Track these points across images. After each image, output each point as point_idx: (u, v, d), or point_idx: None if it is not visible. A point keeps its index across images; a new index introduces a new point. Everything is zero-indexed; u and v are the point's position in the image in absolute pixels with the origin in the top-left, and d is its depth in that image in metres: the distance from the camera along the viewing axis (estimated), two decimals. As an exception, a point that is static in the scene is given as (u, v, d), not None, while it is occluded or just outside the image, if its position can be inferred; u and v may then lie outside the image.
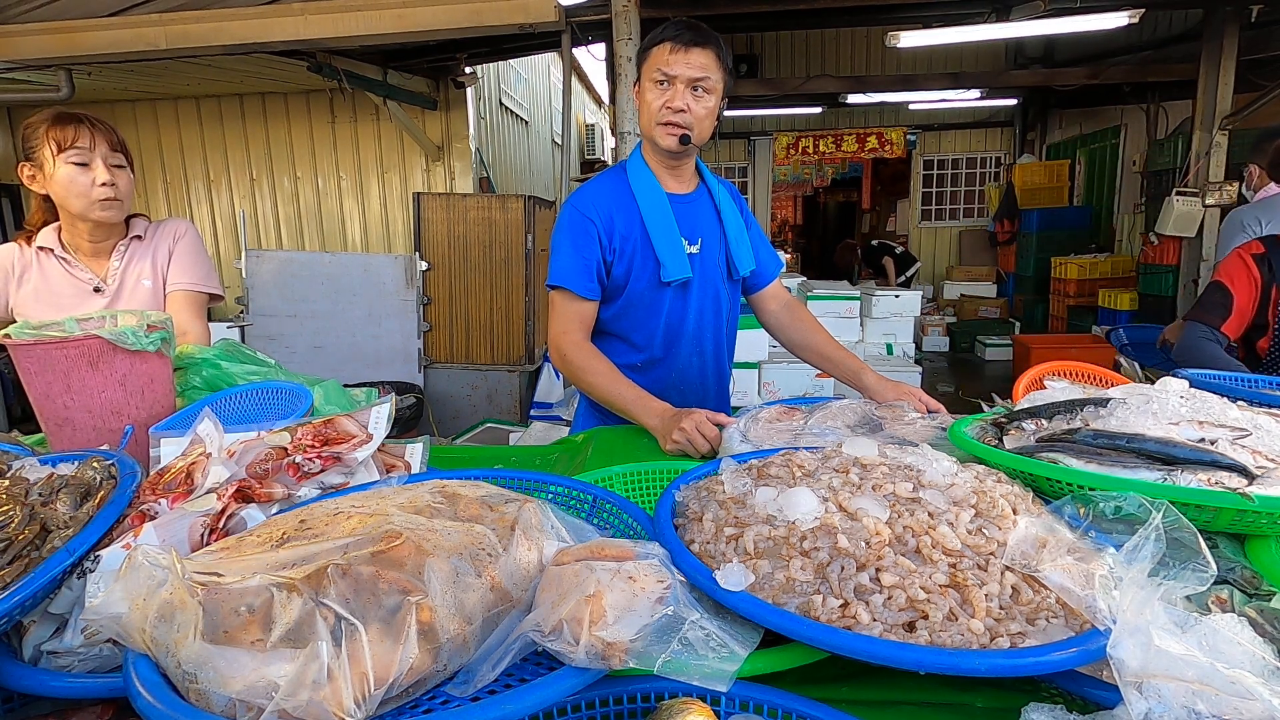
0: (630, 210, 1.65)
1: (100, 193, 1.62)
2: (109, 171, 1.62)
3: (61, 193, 1.61)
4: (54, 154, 1.58)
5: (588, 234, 1.62)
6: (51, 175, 1.60)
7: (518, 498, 0.80)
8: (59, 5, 4.45)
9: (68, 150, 1.58)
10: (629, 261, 1.65)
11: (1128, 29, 5.10)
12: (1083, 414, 1.00)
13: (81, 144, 1.59)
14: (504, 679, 0.60)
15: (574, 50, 4.96)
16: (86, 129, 1.60)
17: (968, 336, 8.30)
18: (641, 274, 1.66)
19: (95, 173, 1.61)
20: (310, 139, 6.90)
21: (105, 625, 0.58)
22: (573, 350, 1.63)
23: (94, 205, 1.63)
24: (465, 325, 5.27)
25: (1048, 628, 0.62)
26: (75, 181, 1.60)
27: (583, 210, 1.63)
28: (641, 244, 1.64)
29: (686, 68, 1.53)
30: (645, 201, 1.64)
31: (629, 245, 1.64)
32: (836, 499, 0.77)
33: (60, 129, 1.59)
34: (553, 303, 1.67)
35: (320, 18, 4.50)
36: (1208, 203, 5.58)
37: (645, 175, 1.66)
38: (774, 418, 1.31)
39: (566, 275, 1.61)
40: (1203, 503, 0.75)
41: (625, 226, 1.64)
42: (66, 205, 1.64)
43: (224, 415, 1.05)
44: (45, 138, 1.58)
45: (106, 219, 1.67)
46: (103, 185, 1.62)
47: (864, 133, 9.11)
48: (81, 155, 1.59)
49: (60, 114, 1.61)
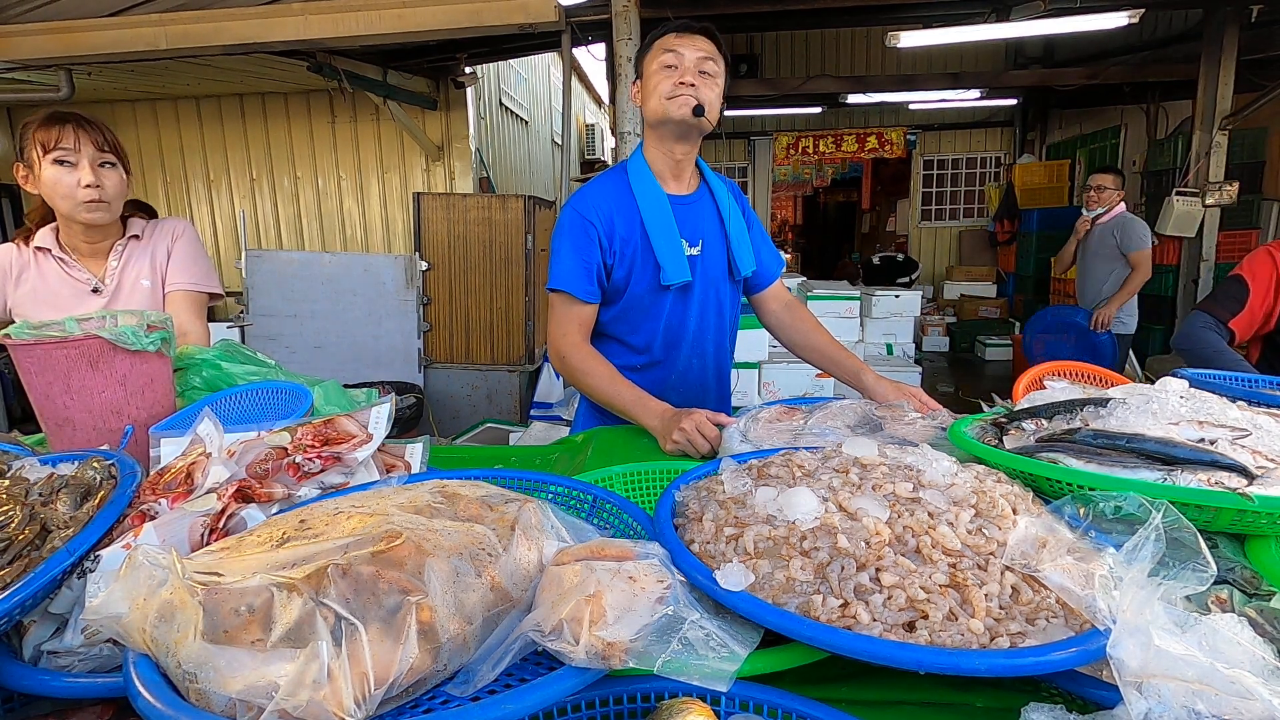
0: (631, 212, 1.64)
1: (85, 194, 1.60)
2: (94, 173, 1.60)
3: (49, 193, 1.61)
4: (40, 155, 1.58)
5: (588, 236, 1.61)
6: (39, 176, 1.60)
7: (518, 498, 0.80)
8: (59, 5, 4.45)
9: (53, 151, 1.58)
10: (629, 264, 1.64)
11: (1127, 29, 5.09)
12: (1083, 414, 1.00)
13: (66, 144, 1.58)
14: (504, 679, 0.60)
15: (574, 50, 4.95)
16: (71, 129, 1.58)
17: (968, 336, 8.30)
18: (641, 277, 1.65)
19: (80, 173, 1.59)
20: (310, 139, 6.90)
21: (105, 625, 0.58)
22: (572, 352, 1.62)
23: (79, 206, 1.61)
24: (465, 325, 5.26)
25: (1047, 628, 0.62)
26: (60, 182, 1.59)
27: (583, 213, 1.62)
28: (642, 247, 1.64)
29: (694, 49, 1.55)
30: (646, 204, 1.64)
31: (629, 248, 1.64)
32: (836, 499, 0.77)
33: (45, 130, 1.58)
34: (552, 305, 1.67)
35: (320, 18, 4.50)
36: (1208, 203, 5.58)
37: (646, 176, 1.66)
38: (774, 418, 1.31)
39: (566, 278, 1.61)
40: (1202, 503, 0.75)
41: (625, 229, 1.63)
42: (55, 206, 1.64)
43: (224, 415, 1.05)
44: (33, 139, 1.59)
45: (93, 220, 1.65)
46: (87, 187, 1.60)
47: (864, 133, 9.10)
48: (66, 155, 1.58)
49: (48, 114, 1.60)
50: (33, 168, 1.60)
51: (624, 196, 1.65)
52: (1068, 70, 7.24)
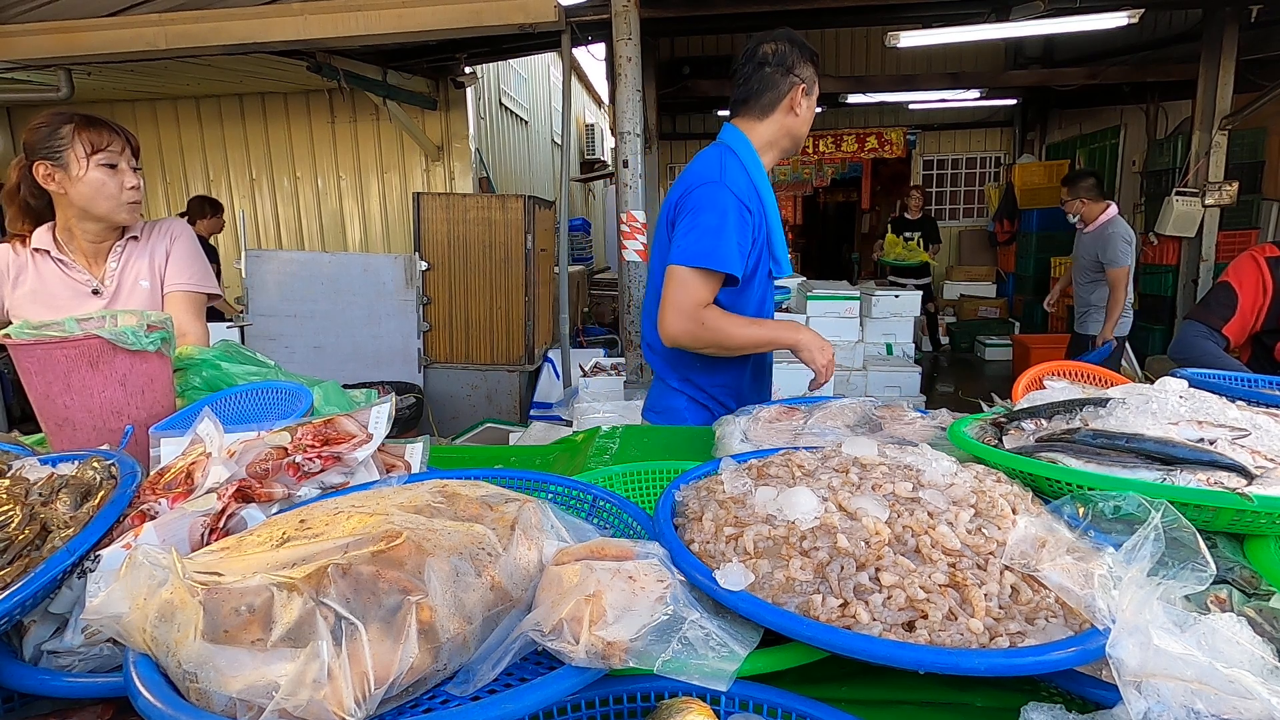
0: (758, 205, 1.70)
1: (129, 195, 1.67)
2: (134, 175, 1.68)
3: (90, 194, 1.63)
4: (85, 155, 1.60)
5: (744, 221, 1.65)
6: (79, 177, 1.61)
7: (518, 497, 0.80)
8: (59, 5, 4.45)
9: (102, 153, 1.61)
10: (758, 255, 1.72)
11: (1127, 29, 5.10)
12: (1082, 414, 1.00)
13: (114, 148, 1.63)
14: (504, 678, 0.60)
15: (574, 50, 4.95)
16: (118, 134, 1.65)
17: (968, 336, 8.29)
18: (761, 268, 1.74)
19: (124, 176, 1.66)
20: (310, 139, 6.90)
21: (105, 625, 0.58)
22: (711, 315, 1.64)
23: (121, 207, 1.67)
24: (465, 325, 5.26)
25: (1047, 627, 0.62)
26: (106, 184, 1.63)
27: (741, 198, 1.64)
28: (765, 240, 1.72)
29: None
30: (769, 200, 1.72)
31: (760, 238, 1.71)
32: (836, 499, 0.77)
33: (95, 132, 1.61)
34: (686, 279, 1.62)
35: (320, 18, 4.49)
36: (1207, 203, 5.59)
37: (763, 173, 1.73)
38: (774, 417, 1.31)
39: (730, 261, 1.61)
40: (1202, 502, 0.75)
41: (759, 220, 1.70)
42: (91, 207, 1.65)
43: (224, 415, 1.05)
44: (76, 139, 1.59)
45: (130, 221, 1.72)
46: (131, 188, 1.67)
47: (864, 133, 9.10)
48: (111, 158, 1.63)
49: (89, 117, 1.63)
50: (68, 168, 1.61)
51: (754, 188, 1.70)
52: (1068, 70, 7.25)
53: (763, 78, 1.69)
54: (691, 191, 1.65)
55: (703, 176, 1.66)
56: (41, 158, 1.61)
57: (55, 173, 1.61)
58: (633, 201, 3.87)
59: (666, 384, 1.86)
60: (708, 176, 1.65)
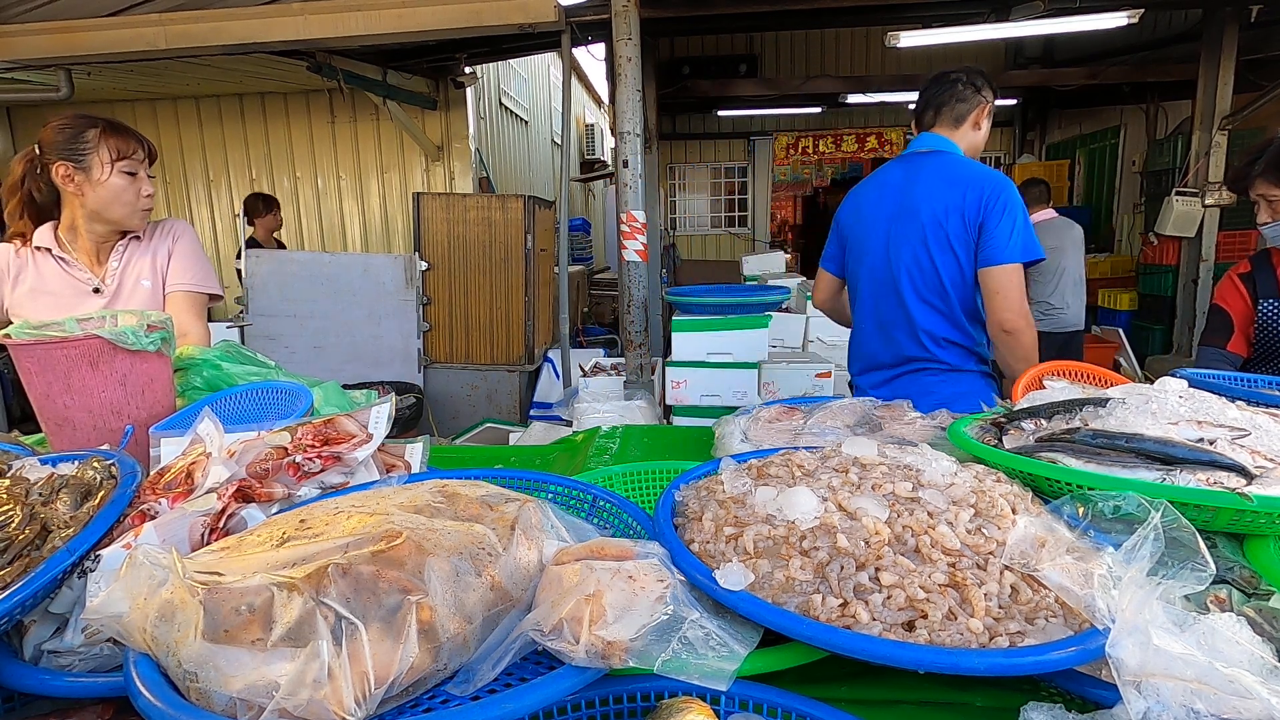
0: None
1: (145, 202, 1.71)
2: (150, 183, 1.72)
3: (109, 199, 1.65)
4: (109, 160, 1.62)
5: None
6: (101, 181, 1.63)
7: (518, 497, 0.80)
8: (59, 5, 4.45)
9: (125, 160, 1.64)
10: None
11: (1127, 29, 5.09)
12: (1082, 414, 1.00)
13: (137, 156, 1.67)
14: (504, 678, 0.60)
15: (574, 50, 4.95)
16: (141, 142, 1.69)
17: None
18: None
19: (141, 184, 1.70)
20: (310, 139, 6.89)
21: (106, 625, 0.58)
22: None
23: (136, 214, 1.71)
24: (465, 325, 5.26)
25: (1047, 627, 0.62)
26: (126, 191, 1.67)
27: None
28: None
29: None
30: None
31: None
32: (836, 498, 0.77)
33: (121, 139, 1.64)
34: (1020, 277, 1.78)
35: (320, 18, 4.49)
36: (1207, 203, 5.58)
37: None
38: (774, 417, 1.31)
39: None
40: (1201, 502, 0.75)
41: None
42: (107, 211, 1.67)
43: (224, 415, 1.05)
44: (101, 144, 1.62)
45: (140, 226, 1.75)
46: (148, 195, 1.71)
47: (864, 133, 9.11)
48: (134, 166, 1.67)
49: (114, 123, 1.67)
50: (90, 171, 1.62)
51: None
52: (1067, 70, 7.25)
53: (955, 93, 1.87)
54: (1002, 190, 1.78)
55: (995, 175, 1.81)
56: (63, 159, 1.62)
57: (76, 175, 1.63)
58: (633, 201, 3.86)
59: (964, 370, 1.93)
60: (998, 175, 1.81)
